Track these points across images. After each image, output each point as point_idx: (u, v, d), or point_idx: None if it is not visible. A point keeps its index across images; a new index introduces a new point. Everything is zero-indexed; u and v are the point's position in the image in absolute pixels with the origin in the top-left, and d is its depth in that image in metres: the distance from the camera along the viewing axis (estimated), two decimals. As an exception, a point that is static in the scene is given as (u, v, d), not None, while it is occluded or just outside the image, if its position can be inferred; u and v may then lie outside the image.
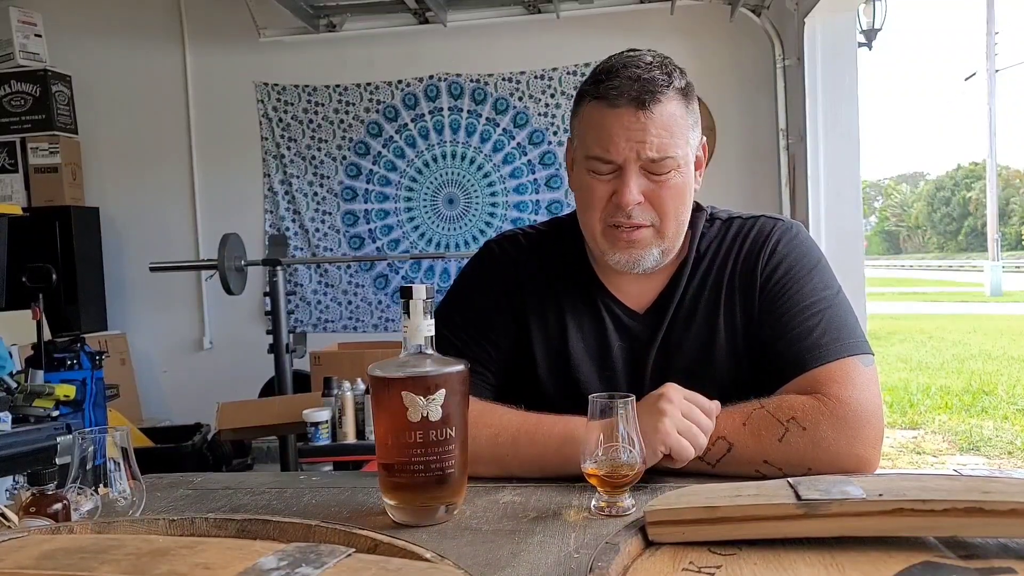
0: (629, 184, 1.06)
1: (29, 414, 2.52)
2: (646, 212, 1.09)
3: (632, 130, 1.06)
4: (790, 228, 1.18)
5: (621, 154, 1.06)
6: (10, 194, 4.44)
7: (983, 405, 5.79)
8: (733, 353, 1.13)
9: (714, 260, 1.16)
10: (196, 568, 0.49)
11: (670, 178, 1.08)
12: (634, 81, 1.06)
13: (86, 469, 0.81)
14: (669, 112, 1.07)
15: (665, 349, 1.14)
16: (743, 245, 1.16)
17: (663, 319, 1.15)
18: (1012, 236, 42.44)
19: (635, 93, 1.05)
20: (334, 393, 2.75)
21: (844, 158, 3.70)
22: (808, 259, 1.15)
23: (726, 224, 1.19)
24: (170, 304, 4.63)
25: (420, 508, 0.86)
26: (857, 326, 1.09)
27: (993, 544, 0.65)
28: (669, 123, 1.06)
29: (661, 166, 1.07)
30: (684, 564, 0.65)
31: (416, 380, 0.84)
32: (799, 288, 1.11)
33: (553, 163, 4.36)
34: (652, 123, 1.05)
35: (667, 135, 1.06)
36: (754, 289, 1.13)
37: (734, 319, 1.14)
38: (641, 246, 1.10)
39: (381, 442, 0.87)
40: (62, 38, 4.58)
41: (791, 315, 1.09)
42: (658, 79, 1.06)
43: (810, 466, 0.97)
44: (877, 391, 1.04)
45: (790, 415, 0.99)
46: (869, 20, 6.11)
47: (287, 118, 4.50)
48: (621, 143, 1.06)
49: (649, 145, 1.05)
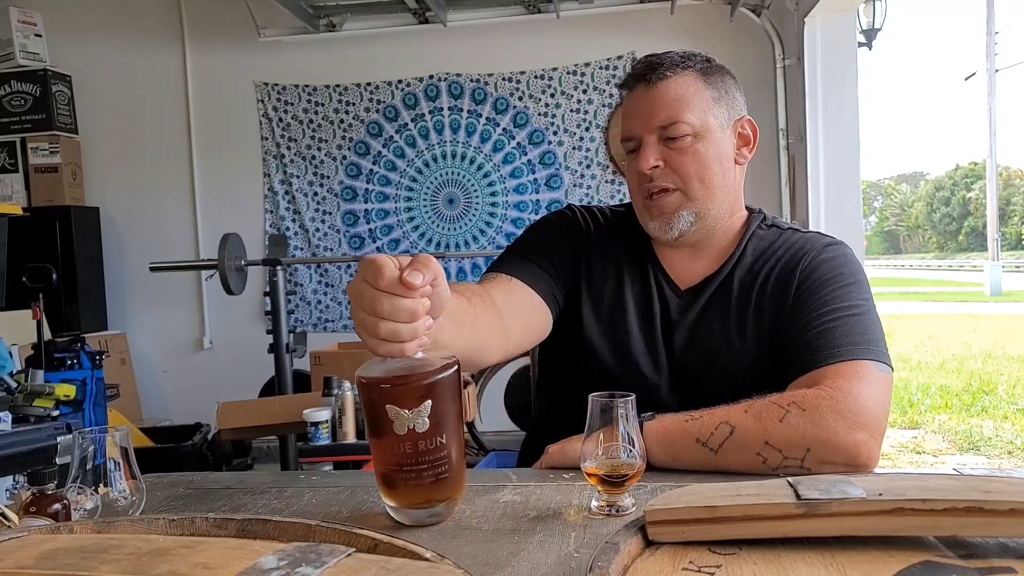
0: (644, 151, 1.16)
1: (29, 414, 2.53)
2: (667, 175, 1.17)
3: (641, 105, 1.18)
4: (838, 245, 1.23)
5: (636, 129, 1.18)
6: (10, 194, 4.44)
7: (983, 405, 5.79)
8: (757, 350, 1.15)
9: (759, 259, 1.21)
10: (196, 568, 0.49)
11: (687, 143, 1.15)
12: (646, 66, 1.18)
13: (86, 469, 0.81)
14: (679, 84, 1.16)
15: (694, 329, 1.19)
16: (788, 251, 1.21)
17: (699, 299, 1.20)
18: (1012, 236, 42.44)
19: (643, 73, 1.18)
20: (334, 393, 2.75)
21: (844, 158, 3.71)
22: (848, 273, 1.16)
23: (781, 232, 1.26)
24: (170, 304, 4.63)
25: (417, 509, 0.86)
26: (882, 340, 1.09)
27: (993, 544, 0.65)
28: (679, 94, 1.16)
29: (674, 131, 1.15)
30: (684, 563, 0.65)
31: (401, 392, 0.80)
32: (831, 293, 1.13)
33: (553, 163, 4.36)
34: (659, 95, 1.16)
35: (676, 105, 1.15)
36: (789, 291, 1.16)
37: (762, 318, 1.16)
38: (670, 209, 1.18)
39: (372, 448, 0.85)
40: (62, 38, 4.58)
41: (818, 314, 1.11)
42: (669, 60, 1.17)
43: (809, 447, 0.97)
44: (884, 393, 1.03)
45: (791, 400, 1.00)
46: (869, 20, 6.12)
47: (287, 118, 4.50)
48: (636, 120, 1.18)
49: (657, 114, 1.16)
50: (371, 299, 0.76)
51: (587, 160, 4.33)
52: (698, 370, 1.17)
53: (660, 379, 1.18)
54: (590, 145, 4.33)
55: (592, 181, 4.33)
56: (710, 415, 1.01)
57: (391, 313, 0.76)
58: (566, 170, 4.35)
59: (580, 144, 4.33)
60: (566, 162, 4.35)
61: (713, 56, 1.22)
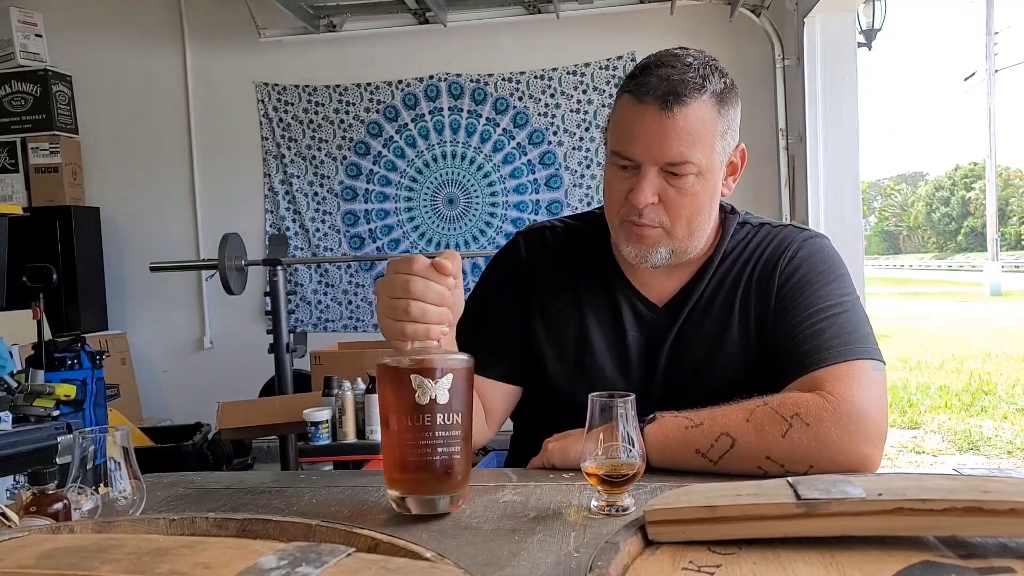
0: (643, 185, 1.07)
1: (30, 414, 2.52)
2: (657, 213, 1.09)
3: (653, 132, 1.06)
4: (815, 238, 1.19)
5: (639, 155, 1.07)
6: (10, 194, 4.44)
7: (983, 405, 5.79)
8: (744, 354, 1.13)
9: (736, 262, 1.17)
10: (196, 567, 0.49)
11: (687, 183, 1.07)
12: (664, 80, 1.05)
13: (87, 469, 0.81)
14: (695, 116, 1.05)
15: (678, 344, 1.15)
16: (766, 250, 1.17)
17: (679, 314, 1.16)
18: (1012, 236, 42.43)
19: (662, 93, 1.05)
20: (334, 393, 2.75)
21: (844, 158, 3.71)
22: (828, 268, 1.14)
23: (756, 229, 1.20)
24: (170, 304, 4.63)
25: (426, 498, 0.86)
26: (871, 335, 1.08)
27: (993, 543, 0.65)
28: (693, 127, 1.05)
29: (680, 169, 1.07)
30: (684, 563, 0.65)
31: (426, 363, 0.85)
32: (815, 291, 1.11)
33: (553, 163, 4.36)
34: (674, 126, 1.05)
35: (689, 140, 1.05)
36: (771, 292, 1.14)
37: (748, 321, 1.14)
38: (649, 243, 1.11)
39: (389, 429, 0.87)
40: (62, 38, 4.58)
41: (804, 316, 1.09)
42: (690, 81, 1.05)
43: (812, 463, 0.96)
44: (883, 395, 1.03)
45: (794, 411, 0.98)
46: (869, 20, 6.12)
47: (287, 118, 4.50)
48: (641, 144, 1.07)
49: (668, 149, 1.05)
50: (404, 281, 0.88)
51: (587, 160, 4.33)
52: (684, 386, 1.14)
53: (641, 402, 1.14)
54: (590, 145, 4.33)
55: (592, 181, 4.33)
56: (711, 421, 1.00)
57: (422, 294, 0.87)
58: (566, 170, 4.35)
59: (580, 144, 4.33)
60: (566, 162, 4.35)
61: (722, 65, 1.12)
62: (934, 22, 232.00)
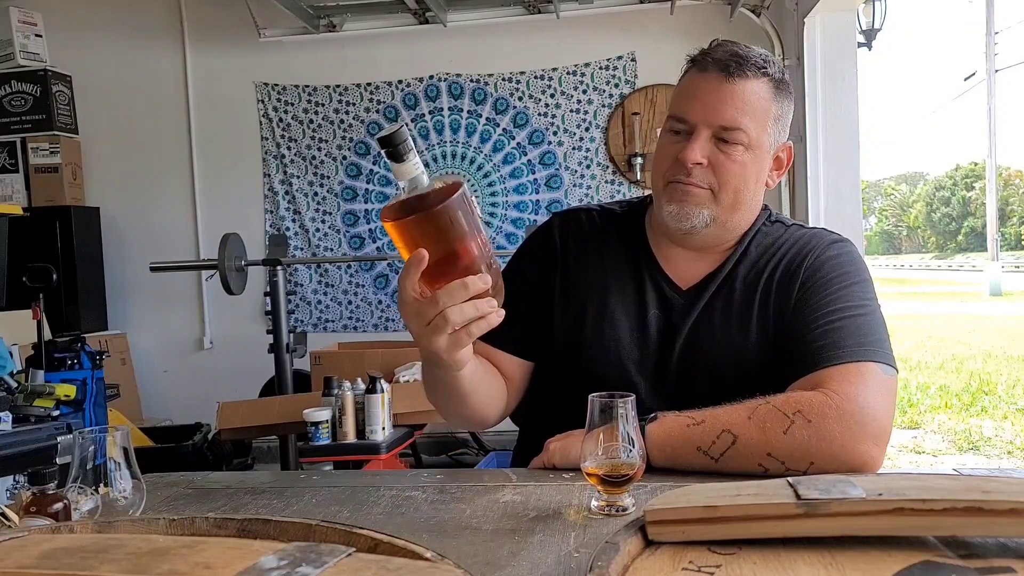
0: (694, 144, 1.10)
1: (30, 414, 2.53)
2: (707, 175, 1.12)
3: (711, 94, 1.10)
4: (843, 242, 1.20)
5: (695, 115, 1.10)
6: (10, 194, 4.44)
7: (983, 405, 5.79)
8: (761, 346, 1.14)
9: (763, 256, 1.19)
10: (196, 567, 0.49)
11: (737, 151, 1.10)
12: (730, 55, 1.11)
13: (86, 469, 0.81)
14: (753, 90, 1.10)
15: (697, 328, 1.16)
16: (792, 247, 1.18)
17: (702, 298, 1.17)
18: (1012, 236, 42.43)
19: (725, 62, 1.10)
20: (334, 393, 2.75)
21: (844, 158, 3.70)
22: (852, 271, 1.15)
23: (786, 228, 1.22)
24: (170, 304, 4.63)
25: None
26: (886, 341, 1.08)
27: (993, 543, 0.65)
28: (751, 99, 1.10)
29: (731, 135, 1.09)
30: (684, 563, 0.65)
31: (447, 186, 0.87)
32: (836, 291, 1.12)
33: (553, 163, 4.36)
34: (732, 92, 1.09)
35: (744, 109, 1.09)
36: (793, 288, 1.14)
37: (767, 315, 1.14)
38: (694, 201, 1.12)
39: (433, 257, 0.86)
40: (62, 38, 4.57)
41: (822, 313, 1.09)
42: (753, 59, 1.11)
43: (813, 460, 0.96)
44: (889, 398, 1.02)
45: (796, 408, 0.98)
46: (869, 20, 6.11)
47: (287, 118, 4.50)
48: (698, 104, 1.11)
49: (723, 112, 1.09)
50: (419, 306, 0.89)
51: (587, 160, 4.33)
52: (700, 370, 1.15)
53: (657, 381, 1.16)
54: (590, 145, 4.33)
55: (592, 181, 4.34)
56: (712, 419, 1.00)
57: (444, 302, 0.88)
58: (566, 170, 4.35)
59: (580, 144, 4.33)
60: (566, 162, 4.35)
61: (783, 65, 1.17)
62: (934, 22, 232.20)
